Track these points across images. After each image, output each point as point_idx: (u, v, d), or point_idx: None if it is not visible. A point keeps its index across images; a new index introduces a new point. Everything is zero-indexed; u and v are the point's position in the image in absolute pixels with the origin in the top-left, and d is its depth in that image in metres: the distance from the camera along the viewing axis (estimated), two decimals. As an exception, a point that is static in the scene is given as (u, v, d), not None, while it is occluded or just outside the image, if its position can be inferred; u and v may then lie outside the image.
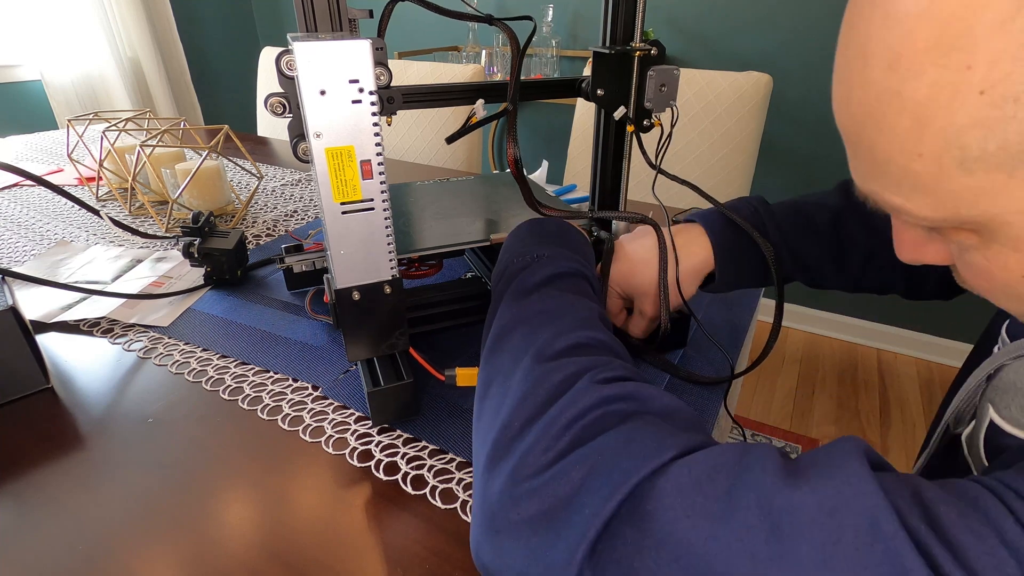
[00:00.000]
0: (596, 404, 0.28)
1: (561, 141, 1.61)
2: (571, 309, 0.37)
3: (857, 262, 0.52)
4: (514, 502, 0.27)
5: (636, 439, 0.26)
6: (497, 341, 0.36)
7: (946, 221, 0.25)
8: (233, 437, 0.47)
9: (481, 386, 0.35)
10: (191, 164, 0.87)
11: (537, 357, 0.33)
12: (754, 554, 0.21)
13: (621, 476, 0.24)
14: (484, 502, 0.28)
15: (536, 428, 0.29)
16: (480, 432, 0.32)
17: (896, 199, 0.25)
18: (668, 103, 0.53)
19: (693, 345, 0.59)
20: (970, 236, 0.25)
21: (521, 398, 0.30)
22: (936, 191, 0.23)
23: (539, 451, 0.27)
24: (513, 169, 0.47)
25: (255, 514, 0.40)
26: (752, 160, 1.22)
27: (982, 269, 0.26)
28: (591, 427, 0.28)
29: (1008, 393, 0.32)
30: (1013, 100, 0.20)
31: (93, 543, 0.38)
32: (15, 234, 0.85)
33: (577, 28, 2.09)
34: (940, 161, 0.22)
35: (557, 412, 0.29)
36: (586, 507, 0.24)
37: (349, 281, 0.44)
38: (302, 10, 0.41)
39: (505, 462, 0.28)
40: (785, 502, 0.22)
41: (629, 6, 0.52)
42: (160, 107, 2.33)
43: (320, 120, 0.38)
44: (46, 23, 1.99)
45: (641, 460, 0.25)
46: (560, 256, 0.42)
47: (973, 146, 0.21)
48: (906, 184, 0.24)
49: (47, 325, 0.61)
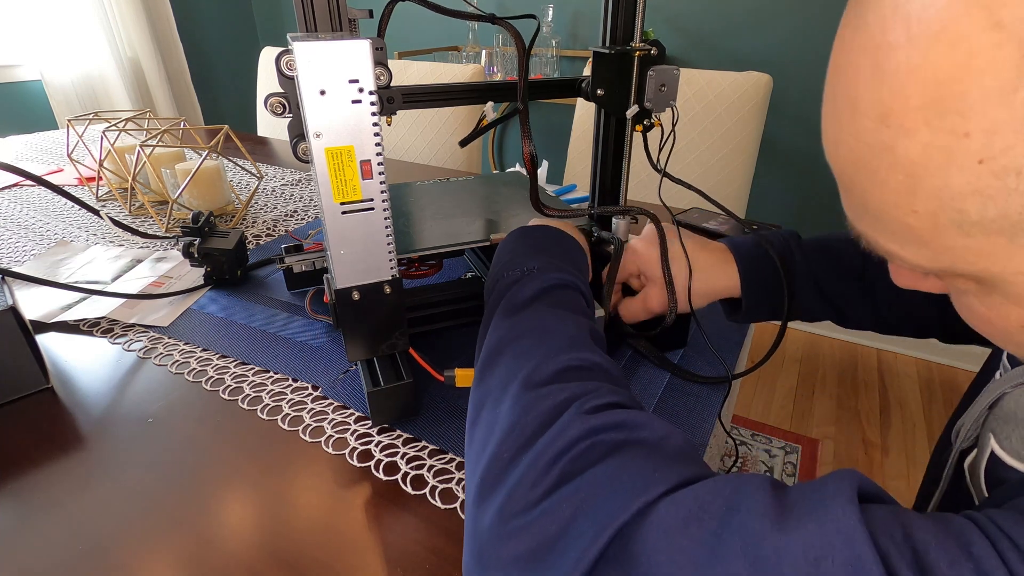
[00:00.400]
0: (584, 435, 0.28)
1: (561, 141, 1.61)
2: (561, 327, 0.36)
3: (885, 304, 0.51)
4: (502, 539, 0.27)
5: (624, 474, 0.26)
6: (487, 363, 0.36)
7: (943, 271, 0.24)
8: (233, 437, 0.47)
9: (473, 409, 0.35)
10: (191, 164, 0.87)
11: (526, 383, 0.32)
12: None
13: (607, 517, 0.24)
14: (474, 536, 0.29)
15: (524, 461, 0.28)
16: (471, 459, 0.32)
17: (891, 246, 0.24)
18: (668, 103, 0.53)
19: (693, 345, 0.59)
20: (968, 283, 0.24)
21: (509, 428, 0.30)
22: (932, 245, 0.22)
23: (527, 486, 0.27)
24: (528, 166, 0.47)
25: (255, 514, 0.40)
26: (752, 160, 1.22)
27: (980, 315, 0.26)
28: (579, 460, 0.27)
29: (1009, 424, 0.31)
30: (1016, 173, 0.19)
31: (93, 543, 0.38)
32: (15, 234, 0.85)
33: (577, 28, 2.09)
34: (936, 219, 0.21)
35: (544, 445, 0.28)
36: (571, 549, 0.24)
37: (349, 281, 0.44)
38: (302, 10, 0.41)
39: (494, 497, 0.28)
40: (771, 549, 0.21)
41: (629, 6, 0.52)
42: (160, 107, 2.33)
43: (320, 120, 0.38)
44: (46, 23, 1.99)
45: (628, 497, 0.25)
46: (550, 267, 0.42)
47: (971, 211, 0.20)
48: (900, 235, 0.23)
49: (47, 325, 0.61)
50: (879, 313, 0.51)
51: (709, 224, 0.84)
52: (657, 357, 0.55)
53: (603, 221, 0.63)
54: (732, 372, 0.54)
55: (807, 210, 1.93)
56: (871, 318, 0.52)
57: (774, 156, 1.88)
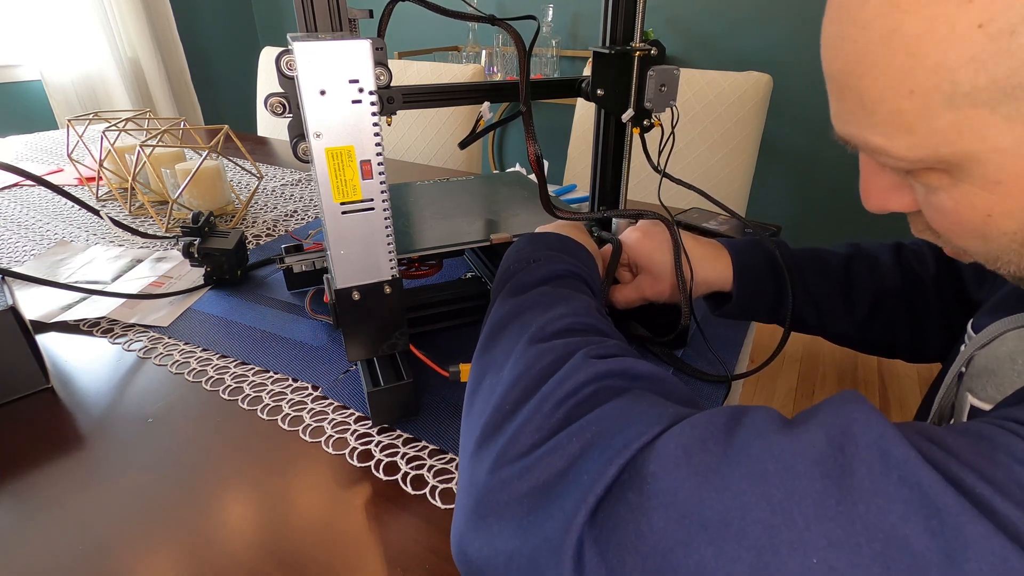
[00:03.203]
0: (590, 380, 0.28)
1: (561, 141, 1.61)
2: (565, 300, 0.36)
3: (864, 306, 0.53)
4: (503, 483, 0.25)
5: (633, 411, 0.26)
6: (490, 338, 0.36)
7: (922, 161, 0.25)
8: (233, 437, 0.47)
9: (473, 381, 0.34)
10: (191, 164, 0.87)
11: (531, 339, 0.32)
12: (769, 498, 0.20)
13: (622, 442, 0.24)
14: (470, 488, 0.27)
15: (528, 407, 0.28)
16: (471, 421, 0.31)
17: (877, 139, 0.26)
18: (668, 103, 0.53)
19: (693, 345, 0.59)
20: (941, 177, 0.26)
21: (514, 380, 0.30)
22: (919, 130, 0.24)
23: (531, 429, 0.26)
24: (535, 167, 0.47)
25: (255, 514, 0.40)
26: (752, 160, 1.22)
27: (949, 210, 0.27)
28: (585, 403, 0.27)
29: (982, 377, 0.33)
30: (1010, 33, 0.21)
31: (93, 543, 0.38)
32: (15, 234, 0.85)
33: (577, 28, 2.09)
34: (929, 98, 0.23)
35: (550, 389, 0.28)
36: (584, 474, 0.23)
37: (349, 281, 0.44)
38: (302, 10, 0.41)
39: (495, 442, 0.27)
40: (794, 445, 0.21)
41: (629, 6, 0.52)
42: (160, 107, 2.33)
43: (320, 120, 0.38)
44: (46, 23, 1.99)
45: (641, 427, 0.24)
46: (558, 260, 0.42)
47: (964, 81, 0.22)
48: (890, 124, 0.25)
49: (47, 325, 0.61)
50: (857, 316, 0.53)
51: (709, 224, 0.84)
52: (664, 354, 0.55)
53: (603, 221, 0.63)
54: (732, 372, 0.54)
55: (807, 210, 1.93)
56: (847, 320, 0.54)
57: (774, 156, 1.88)
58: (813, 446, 0.21)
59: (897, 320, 0.53)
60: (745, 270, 0.52)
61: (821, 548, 0.19)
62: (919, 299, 0.52)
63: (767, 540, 0.20)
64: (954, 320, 0.52)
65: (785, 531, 0.20)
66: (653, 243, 0.52)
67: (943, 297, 0.52)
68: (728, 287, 0.53)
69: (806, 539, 0.19)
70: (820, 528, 0.19)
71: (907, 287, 0.53)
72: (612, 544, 0.22)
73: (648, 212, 0.52)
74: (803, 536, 0.19)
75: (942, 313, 0.52)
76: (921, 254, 0.54)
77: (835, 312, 0.53)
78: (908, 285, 0.53)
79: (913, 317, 0.52)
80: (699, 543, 0.20)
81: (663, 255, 0.51)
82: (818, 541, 0.19)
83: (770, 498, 0.20)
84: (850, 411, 0.22)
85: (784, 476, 0.20)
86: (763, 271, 0.53)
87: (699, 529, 0.20)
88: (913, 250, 0.55)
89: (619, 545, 0.21)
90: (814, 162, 1.84)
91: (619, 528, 0.22)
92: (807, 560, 0.19)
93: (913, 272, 0.53)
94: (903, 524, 0.19)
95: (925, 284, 0.52)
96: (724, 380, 0.53)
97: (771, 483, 0.20)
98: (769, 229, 0.76)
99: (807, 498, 0.20)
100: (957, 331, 0.52)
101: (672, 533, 0.21)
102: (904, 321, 0.53)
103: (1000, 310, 0.36)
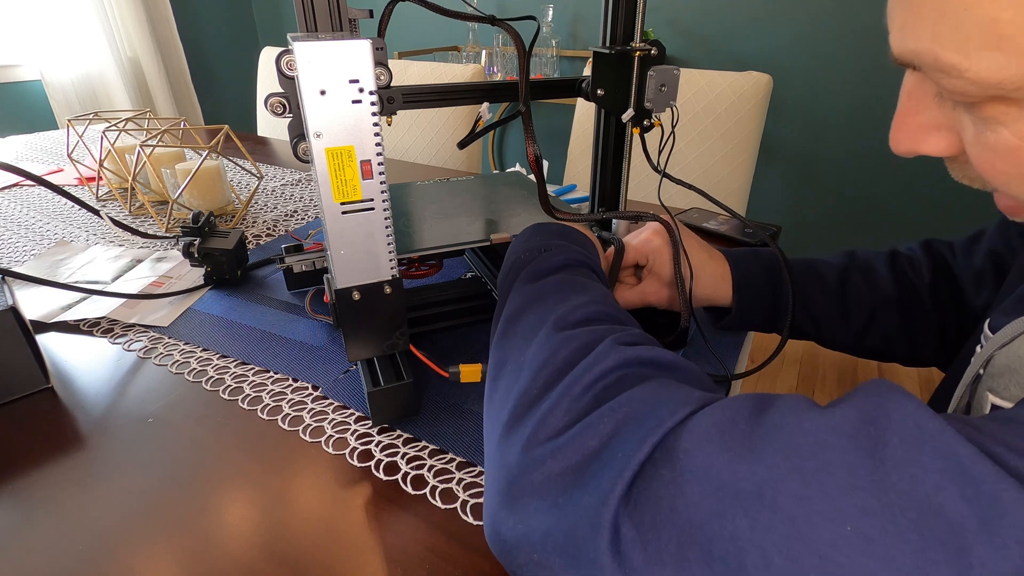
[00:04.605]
0: (619, 365, 0.28)
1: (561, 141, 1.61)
2: (584, 289, 0.37)
3: (861, 316, 0.53)
4: (536, 463, 0.26)
5: (664, 394, 0.26)
6: (509, 324, 0.36)
7: (999, 86, 0.22)
8: (233, 437, 0.47)
9: (493, 368, 0.34)
10: (191, 164, 0.87)
11: (555, 326, 0.32)
12: (802, 469, 0.20)
13: (654, 422, 0.24)
14: (502, 470, 0.27)
15: (557, 390, 0.28)
16: (494, 407, 0.31)
17: (954, 57, 0.23)
18: (668, 103, 0.53)
19: (693, 346, 0.59)
20: (1008, 109, 0.23)
21: (540, 366, 0.30)
22: (1009, 46, 0.21)
23: (561, 412, 0.27)
24: (534, 168, 0.48)
25: (255, 514, 0.40)
26: (752, 160, 1.22)
27: (1008, 148, 0.24)
28: (614, 387, 0.27)
29: (1004, 376, 0.33)
30: None
31: (93, 543, 0.38)
32: (15, 234, 0.85)
33: (577, 28, 2.09)
34: None
35: (579, 373, 0.28)
36: (618, 452, 0.24)
37: (349, 281, 0.44)
38: (302, 10, 0.41)
39: (524, 425, 0.27)
40: (826, 421, 0.21)
41: (629, 6, 0.52)
42: (160, 107, 2.33)
43: (320, 120, 0.38)
44: (46, 23, 1.99)
45: (673, 407, 0.24)
46: (568, 249, 0.43)
47: None
48: (977, 38, 0.22)
49: (47, 325, 0.61)
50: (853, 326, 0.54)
51: (709, 224, 0.84)
52: None
53: (604, 221, 0.63)
54: (732, 372, 0.54)
55: (807, 210, 1.93)
56: (844, 331, 0.54)
57: (774, 156, 1.88)
58: (846, 421, 0.21)
59: (893, 329, 0.53)
60: (744, 285, 0.53)
61: (855, 517, 0.19)
62: (915, 307, 0.53)
63: (801, 510, 0.20)
64: (949, 326, 0.53)
65: (818, 501, 0.20)
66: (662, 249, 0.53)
67: (938, 304, 0.53)
68: (728, 302, 0.54)
69: (840, 508, 0.19)
70: (853, 498, 0.19)
71: (902, 296, 0.53)
72: (647, 519, 0.22)
73: (648, 214, 0.52)
74: (836, 505, 0.19)
75: (937, 320, 0.53)
76: (916, 261, 0.54)
77: (832, 324, 0.54)
78: (903, 294, 0.53)
79: (908, 325, 0.53)
80: (733, 514, 0.20)
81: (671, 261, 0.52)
82: (851, 510, 0.19)
83: (802, 470, 0.20)
84: (883, 391, 0.22)
85: (816, 449, 0.21)
86: (762, 286, 0.53)
87: (733, 501, 0.21)
88: (908, 257, 0.55)
89: (654, 519, 0.22)
90: (814, 162, 1.84)
91: (654, 503, 0.22)
92: (841, 529, 0.19)
93: (908, 280, 0.53)
94: (937, 493, 0.19)
95: (920, 292, 0.53)
96: (724, 380, 0.53)
97: (803, 455, 0.21)
98: (769, 229, 0.76)
99: (840, 469, 0.20)
100: (953, 337, 0.53)
101: (706, 506, 0.21)
102: (900, 329, 0.53)
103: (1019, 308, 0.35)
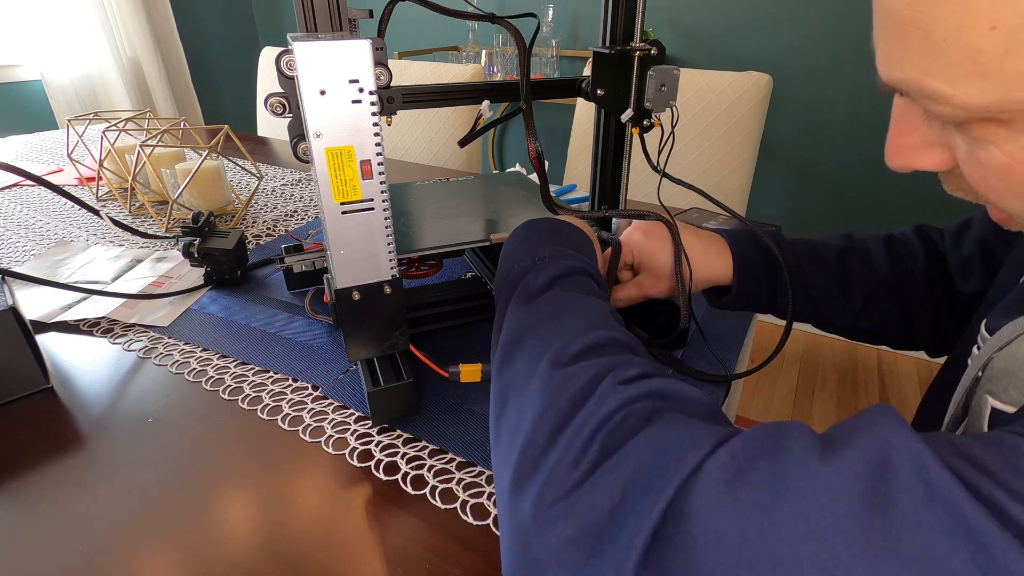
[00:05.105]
0: (621, 405, 0.28)
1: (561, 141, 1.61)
2: (580, 310, 0.36)
3: (858, 297, 0.53)
4: (549, 524, 0.26)
5: (668, 437, 0.26)
6: (507, 353, 0.36)
7: (985, 109, 0.23)
8: (233, 437, 0.47)
9: (496, 403, 0.34)
10: (191, 164, 0.87)
11: (553, 363, 0.32)
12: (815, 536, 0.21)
13: (661, 481, 0.24)
14: (514, 528, 0.27)
15: (562, 441, 0.27)
16: (500, 452, 0.31)
17: (939, 85, 0.23)
18: (668, 103, 0.53)
19: (693, 346, 0.59)
20: (997, 129, 0.24)
21: (542, 411, 0.30)
22: (993, 72, 0.22)
23: (567, 466, 0.26)
24: (536, 164, 0.48)
25: (255, 514, 0.40)
26: (752, 160, 1.22)
27: (999, 166, 0.25)
28: (618, 431, 0.27)
29: (1003, 379, 0.33)
30: None
31: (93, 543, 0.38)
32: (15, 234, 0.85)
33: (577, 28, 2.09)
34: (1013, 35, 0.21)
35: (581, 421, 0.28)
36: (630, 517, 0.24)
37: (349, 281, 0.44)
38: (302, 10, 0.41)
39: (532, 482, 0.27)
40: (835, 477, 0.21)
41: (629, 6, 0.52)
42: (160, 107, 2.33)
43: (320, 120, 0.38)
44: (46, 23, 1.99)
45: (678, 458, 0.24)
46: (561, 255, 0.42)
47: None
48: (960, 66, 0.22)
49: (47, 325, 0.61)
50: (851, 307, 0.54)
51: (709, 224, 0.84)
52: (664, 355, 0.55)
53: (603, 221, 0.63)
54: (732, 372, 0.54)
55: (807, 210, 1.93)
56: (842, 311, 0.55)
57: (774, 156, 1.88)
58: (856, 478, 0.21)
59: (888, 311, 0.54)
60: (745, 265, 0.53)
61: None
62: (910, 291, 0.53)
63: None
64: (941, 310, 0.54)
65: (831, 567, 0.20)
66: (656, 244, 0.53)
67: (932, 289, 0.53)
68: (727, 281, 0.54)
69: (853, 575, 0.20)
70: (867, 566, 0.20)
71: (898, 279, 0.54)
72: None
73: (649, 212, 0.52)
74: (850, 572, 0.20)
75: (931, 304, 0.53)
76: (911, 246, 0.55)
77: (830, 303, 0.54)
78: (899, 277, 0.54)
79: (903, 308, 0.54)
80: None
81: (667, 256, 0.52)
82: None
83: (816, 536, 0.21)
84: (889, 436, 0.22)
85: (827, 513, 0.21)
86: (762, 265, 0.54)
87: (748, 570, 0.21)
88: (903, 241, 0.56)
89: None
90: (814, 162, 1.83)
91: (669, 570, 0.22)
92: None
93: (904, 264, 0.54)
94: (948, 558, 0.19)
95: (915, 276, 0.54)
96: (724, 380, 0.53)
97: (814, 520, 0.21)
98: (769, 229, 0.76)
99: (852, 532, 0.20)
100: (945, 322, 0.53)
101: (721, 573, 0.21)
102: (895, 312, 0.54)
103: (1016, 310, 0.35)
